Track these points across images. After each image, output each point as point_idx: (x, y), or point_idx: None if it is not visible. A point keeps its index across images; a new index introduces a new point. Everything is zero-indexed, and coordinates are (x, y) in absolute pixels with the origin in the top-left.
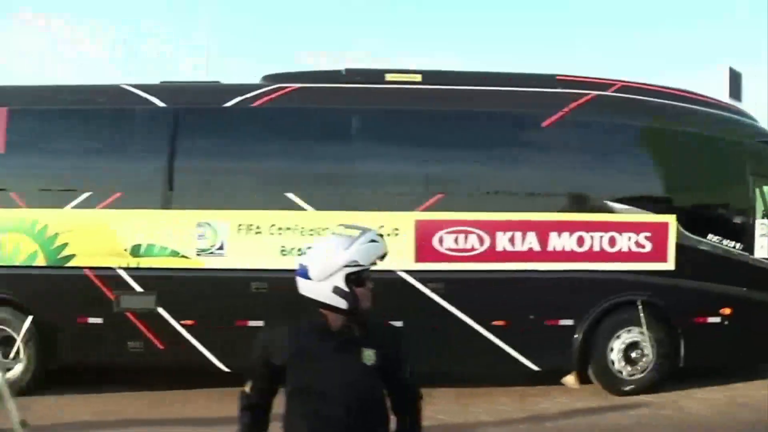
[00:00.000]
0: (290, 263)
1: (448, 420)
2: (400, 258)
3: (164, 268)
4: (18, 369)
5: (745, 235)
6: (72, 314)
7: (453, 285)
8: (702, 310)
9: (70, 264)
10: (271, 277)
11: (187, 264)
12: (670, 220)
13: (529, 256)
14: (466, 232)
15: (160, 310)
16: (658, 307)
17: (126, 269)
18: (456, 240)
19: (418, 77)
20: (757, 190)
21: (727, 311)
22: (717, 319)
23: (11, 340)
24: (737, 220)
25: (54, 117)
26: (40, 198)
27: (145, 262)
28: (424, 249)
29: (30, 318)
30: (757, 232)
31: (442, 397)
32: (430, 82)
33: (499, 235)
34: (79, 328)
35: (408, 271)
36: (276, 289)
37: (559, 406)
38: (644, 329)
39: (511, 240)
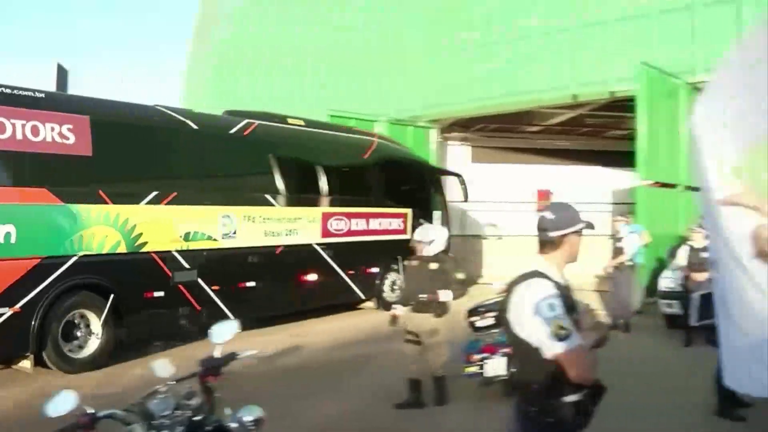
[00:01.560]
0: (269, 241)
1: None
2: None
3: (202, 249)
4: (97, 344)
5: (431, 220)
6: (143, 291)
7: (334, 249)
8: None
9: (143, 250)
10: (259, 252)
11: (216, 245)
12: (409, 211)
13: (361, 233)
14: (339, 219)
15: (199, 280)
16: None
17: (178, 252)
18: (338, 223)
19: (302, 122)
20: (435, 198)
21: None
22: None
23: (72, 325)
24: (428, 213)
25: (126, 129)
26: (121, 196)
27: (192, 245)
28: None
29: (111, 297)
30: (434, 219)
31: None
32: (308, 126)
33: (354, 220)
34: (147, 301)
35: (317, 243)
36: (261, 259)
37: None
38: (401, 272)
39: (357, 223)
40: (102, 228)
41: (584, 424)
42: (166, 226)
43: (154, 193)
